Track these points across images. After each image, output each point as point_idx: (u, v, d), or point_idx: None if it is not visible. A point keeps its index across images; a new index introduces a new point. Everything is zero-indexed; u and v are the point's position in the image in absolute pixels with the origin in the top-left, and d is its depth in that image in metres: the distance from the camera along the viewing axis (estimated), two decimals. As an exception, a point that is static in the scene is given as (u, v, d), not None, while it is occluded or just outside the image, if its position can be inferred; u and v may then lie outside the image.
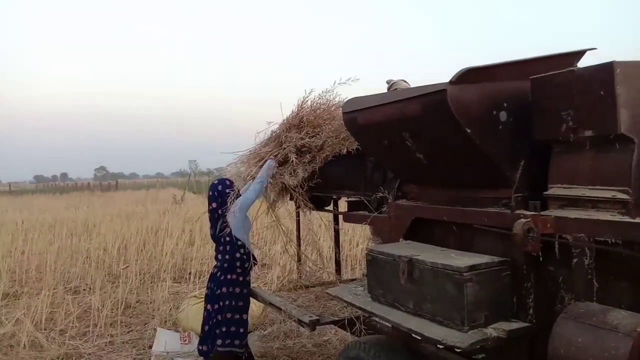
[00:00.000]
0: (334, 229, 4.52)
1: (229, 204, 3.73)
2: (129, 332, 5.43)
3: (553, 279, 2.06)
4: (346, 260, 7.49)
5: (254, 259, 3.85)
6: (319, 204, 4.16)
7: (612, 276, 1.88)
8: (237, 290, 3.71)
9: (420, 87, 2.35)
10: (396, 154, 2.66)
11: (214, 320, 3.69)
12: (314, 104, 3.82)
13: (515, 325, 2.06)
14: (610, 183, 1.84)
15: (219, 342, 3.63)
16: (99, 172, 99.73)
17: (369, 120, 2.66)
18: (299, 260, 4.43)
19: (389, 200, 2.94)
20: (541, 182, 2.09)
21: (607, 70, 1.78)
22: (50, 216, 13.82)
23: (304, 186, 3.69)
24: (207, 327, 3.75)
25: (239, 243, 3.72)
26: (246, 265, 3.75)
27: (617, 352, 1.56)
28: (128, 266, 7.83)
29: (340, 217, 4.12)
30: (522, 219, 1.91)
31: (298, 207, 4.06)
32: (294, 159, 3.58)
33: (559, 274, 2.03)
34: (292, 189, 3.73)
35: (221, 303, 3.68)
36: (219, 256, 3.77)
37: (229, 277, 3.70)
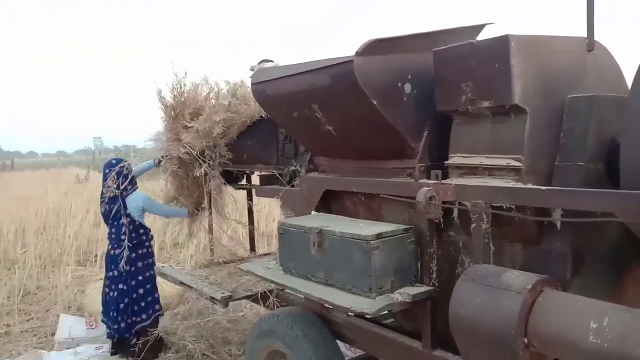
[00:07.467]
0: (248, 204, 4.46)
1: (121, 185, 3.89)
2: (28, 320, 5.07)
3: (454, 244, 2.17)
4: (262, 237, 7.46)
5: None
6: (231, 180, 4.09)
7: (507, 239, 2.00)
8: (150, 260, 4.09)
9: (329, 58, 2.33)
10: (306, 126, 2.64)
11: (132, 297, 3.93)
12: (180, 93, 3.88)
13: (419, 289, 2.15)
14: (505, 151, 1.94)
15: (143, 316, 3.96)
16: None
17: (278, 91, 2.61)
18: (211, 237, 4.33)
19: (301, 174, 2.93)
20: (443, 152, 2.17)
21: (502, 42, 1.86)
22: None
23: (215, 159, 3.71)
24: (121, 306, 3.91)
25: (137, 223, 4.01)
26: (149, 238, 4.14)
27: (510, 309, 1.67)
28: (26, 250, 7.27)
29: (254, 192, 4.08)
30: (425, 188, 1.97)
31: (208, 181, 3.96)
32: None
33: (459, 239, 2.14)
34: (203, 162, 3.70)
35: (140, 277, 3.97)
36: (122, 236, 3.91)
37: (140, 252, 3.99)
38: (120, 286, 3.92)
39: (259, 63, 3.48)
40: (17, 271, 6.10)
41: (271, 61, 3.41)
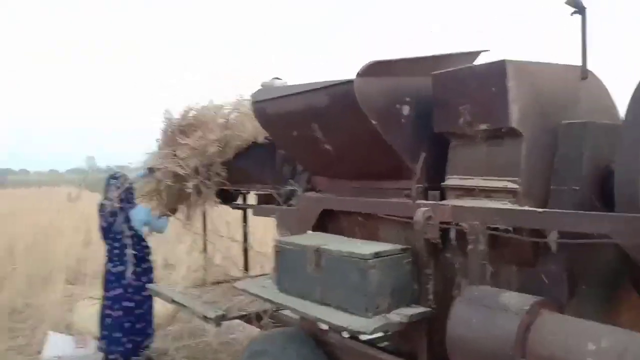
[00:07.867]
0: (243, 224, 4.45)
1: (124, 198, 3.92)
2: (14, 337, 4.98)
3: (451, 265, 2.17)
4: (256, 258, 7.39)
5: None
6: (227, 200, 4.09)
7: (503, 261, 2.01)
8: (152, 276, 4.12)
9: (329, 80, 2.37)
10: (305, 146, 2.67)
11: (139, 314, 3.90)
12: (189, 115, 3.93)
13: (415, 310, 2.14)
14: (501, 174, 1.97)
15: (148, 333, 3.98)
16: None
17: (278, 110, 2.64)
18: (205, 254, 4.31)
19: (298, 193, 2.94)
20: (440, 173, 2.19)
21: (499, 67, 1.91)
22: None
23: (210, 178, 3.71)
24: (126, 325, 3.85)
25: (140, 236, 4.03)
26: (150, 252, 4.17)
27: (507, 330, 1.67)
28: (15, 267, 7.17)
29: (250, 212, 4.07)
30: (422, 208, 1.99)
31: (203, 201, 3.95)
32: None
33: (456, 260, 2.14)
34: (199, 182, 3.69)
35: (144, 293, 3.90)
36: (126, 250, 3.89)
37: (143, 266, 4.01)
38: (125, 304, 3.83)
39: (270, 80, 3.53)
40: (5, 288, 6.00)
41: (280, 79, 3.48)
